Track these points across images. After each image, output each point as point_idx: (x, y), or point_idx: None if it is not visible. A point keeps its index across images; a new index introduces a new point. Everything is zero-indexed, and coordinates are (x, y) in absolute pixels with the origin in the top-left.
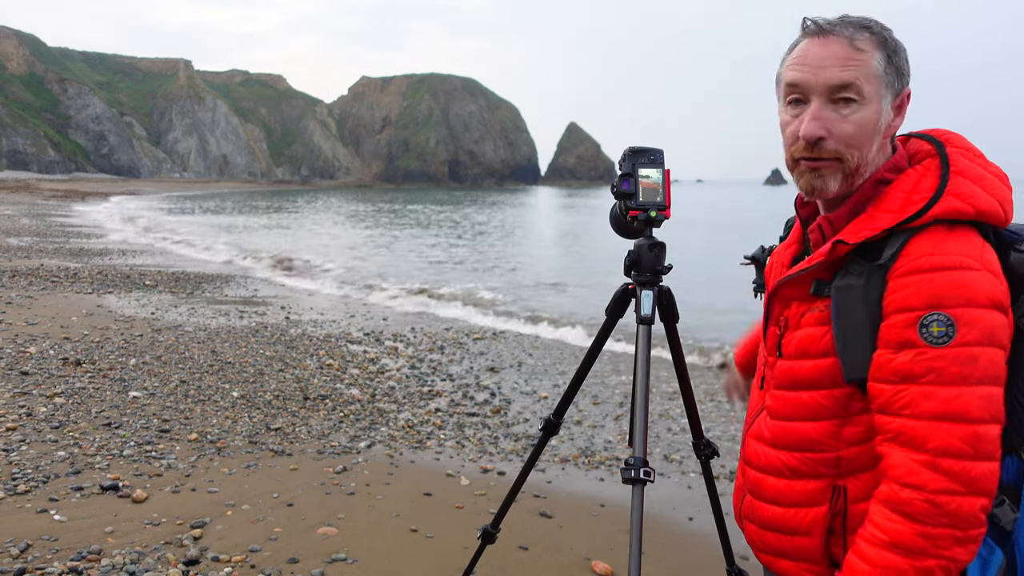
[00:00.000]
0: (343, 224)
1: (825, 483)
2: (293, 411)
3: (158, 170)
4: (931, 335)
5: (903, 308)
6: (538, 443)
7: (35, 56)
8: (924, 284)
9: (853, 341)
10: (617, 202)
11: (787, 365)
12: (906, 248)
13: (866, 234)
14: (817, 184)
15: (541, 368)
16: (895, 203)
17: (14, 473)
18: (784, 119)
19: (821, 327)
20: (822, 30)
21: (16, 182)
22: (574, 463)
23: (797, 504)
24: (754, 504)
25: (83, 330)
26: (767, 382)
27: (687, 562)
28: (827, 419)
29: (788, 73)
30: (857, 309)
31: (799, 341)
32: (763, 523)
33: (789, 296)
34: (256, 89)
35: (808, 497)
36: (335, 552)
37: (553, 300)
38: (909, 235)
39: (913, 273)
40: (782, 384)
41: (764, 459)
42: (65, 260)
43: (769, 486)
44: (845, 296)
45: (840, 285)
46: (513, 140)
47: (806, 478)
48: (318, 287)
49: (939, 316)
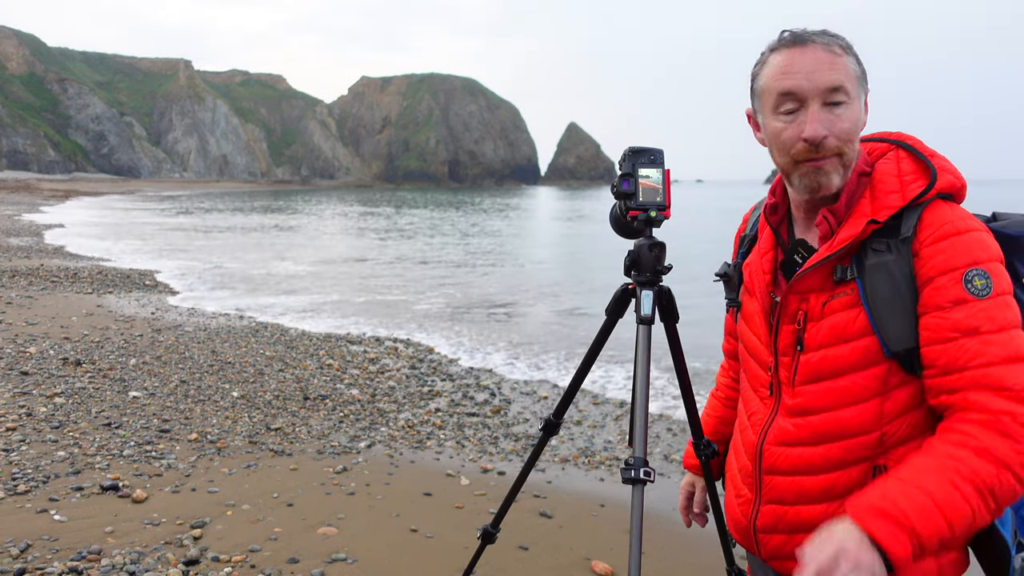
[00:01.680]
0: (324, 232)
1: (866, 466)
2: (293, 411)
3: (158, 170)
4: (976, 288)
5: (946, 269)
6: (538, 443)
7: (35, 56)
8: (958, 246)
9: (892, 314)
10: (617, 202)
11: (818, 356)
12: (924, 221)
13: (887, 212)
14: (823, 181)
15: (541, 368)
16: (891, 186)
17: (14, 473)
18: (776, 126)
19: (852, 310)
20: (804, 40)
21: (16, 182)
22: (574, 463)
23: (842, 495)
24: (786, 511)
25: (83, 330)
26: (784, 384)
27: (687, 562)
28: (869, 399)
29: (778, 83)
30: (892, 282)
31: (830, 328)
32: (799, 527)
33: (806, 288)
34: (256, 89)
35: (852, 484)
36: (335, 552)
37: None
38: (920, 210)
39: (945, 238)
40: (814, 377)
41: (798, 460)
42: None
43: (811, 486)
44: (880, 272)
45: (873, 263)
46: (513, 140)
47: (847, 466)
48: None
49: (978, 271)
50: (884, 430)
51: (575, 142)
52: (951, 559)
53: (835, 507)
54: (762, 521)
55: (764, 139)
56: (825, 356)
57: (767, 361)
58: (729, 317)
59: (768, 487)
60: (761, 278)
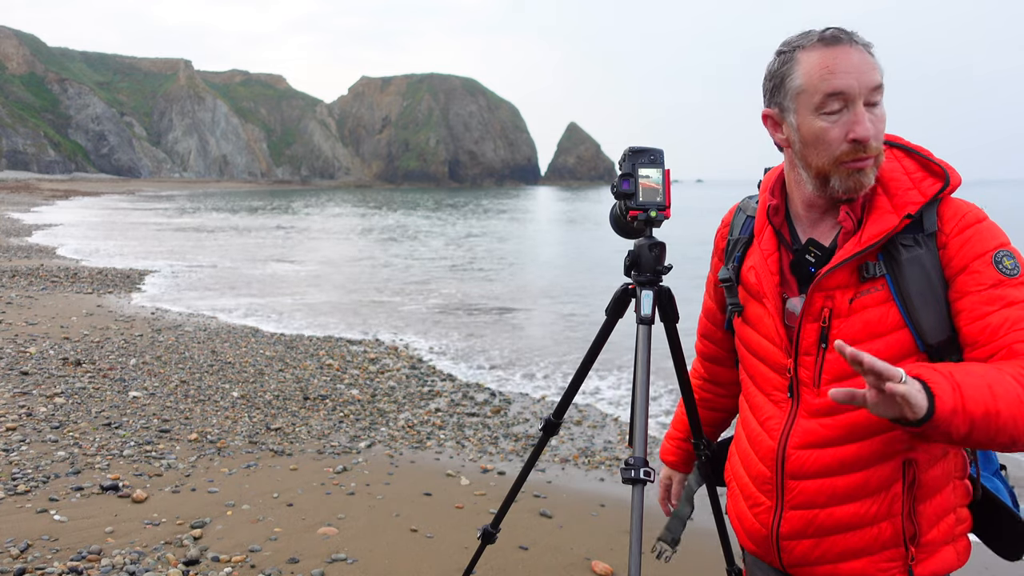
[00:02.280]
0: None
1: (897, 461)
2: (293, 411)
3: (158, 170)
4: (1007, 268)
5: (978, 255)
6: (538, 443)
7: (35, 56)
8: (983, 232)
9: (927, 306)
10: (617, 202)
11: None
12: (943, 215)
13: (914, 207)
14: (864, 181)
15: (541, 368)
16: (904, 183)
17: (14, 473)
18: (821, 126)
19: (883, 305)
20: (845, 39)
21: (16, 182)
22: (574, 463)
23: (875, 492)
24: (815, 516)
25: (83, 330)
26: (797, 386)
27: (687, 562)
28: None
29: (826, 82)
30: (926, 276)
31: (863, 324)
32: (831, 529)
33: (832, 285)
34: (256, 89)
35: (884, 480)
36: (335, 552)
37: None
38: (935, 206)
39: (969, 227)
40: (843, 374)
41: (831, 460)
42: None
43: (844, 485)
44: (915, 267)
45: (908, 257)
46: (513, 140)
47: (879, 462)
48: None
49: (1006, 252)
50: None
51: (575, 142)
52: (964, 545)
53: (867, 505)
54: (786, 528)
55: (791, 140)
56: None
57: (782, 363)
58: (704, 319)
59: (793, 492)
60: (770, 279)
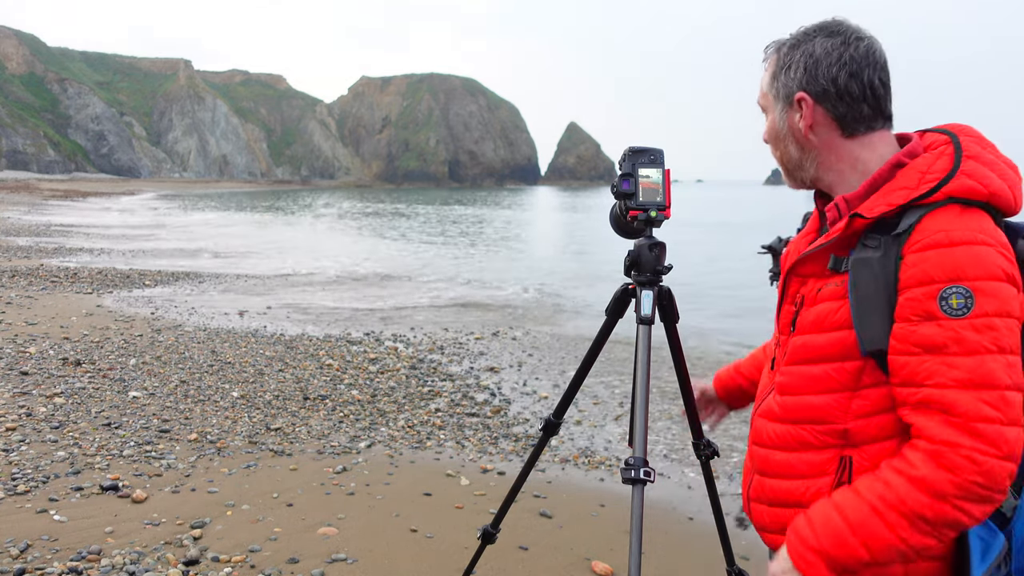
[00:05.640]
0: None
1: (832, 453)
2: (293, 411)
3: (158, 170)
4: (950, 307)
5: (923, 282)
6: (538, 443)
7: (35, 56)
8: (943, 258)
9: (870, 313)
10: (617, 202)
11: (801, 340)
12: (921, 224)
13: (882, 209)
14: (788, 181)
15: (542, 368)
16: (910, 181)
17: (14, 473)
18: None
19: (837, 301)
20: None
21: (16, 182)
22: (574, 463)
23: (804, 476)
24: (763, 483)
25: (83, 330)
26: (778, 362)
27: (687, 562)
28: (837, 392)
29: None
30: (874, 281)
31: (815, 316)
32: (772, 500)
33: (806, 273)
34: (256, 89)
35: (815, 468)
36: (335, 552)
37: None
38: (924, 212)
39: (931, 248)
40: (794, 360)
41: (773, 436)
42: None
43: (777, 461)
44: (862, 268)
45: (857, 258)
46: (513, 140)
47: (813, 449)
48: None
49: (958, 289)
50: (849, 426)
51: (575, 142)
52: (922, 568)
53: (797, 485)
54: (754, 491)
55: None
56: (806, 342)
57: (776, 337)
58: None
59: (753, 458)
60: (793, 257)
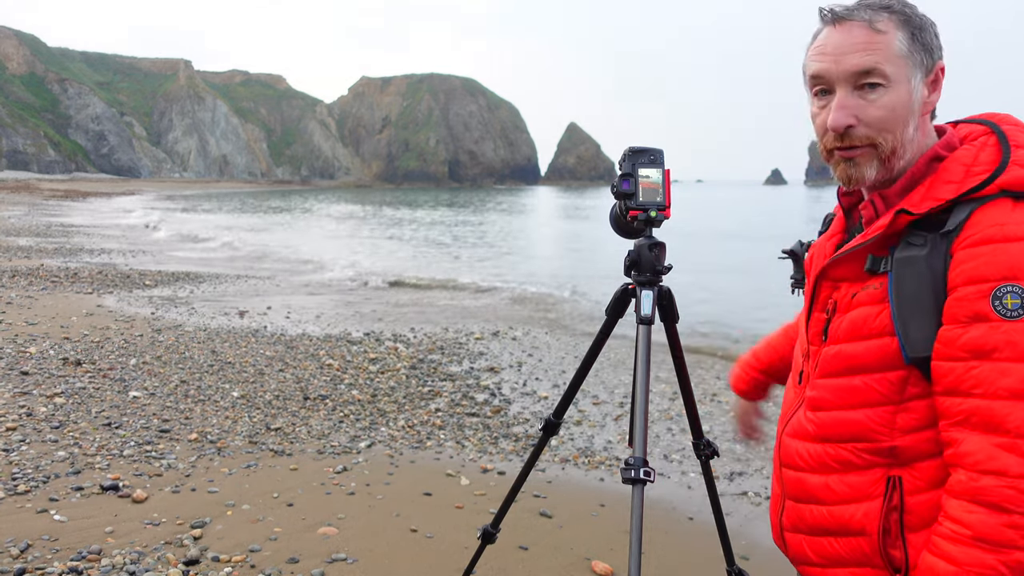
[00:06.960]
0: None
1: (878, 474)
2: (293, 411)
3: (158, 170)
4: (1005, 308)
5: (975, 280)
6: (538, 443)
7: (35, 56)
8: (998, 255)
9: (916, 316)
10: (617, 202)
11: (835, 350)
12: (972, 218)
13: (930, 204)
14: (853, 173)
15: (542, 368)
16: (956, 175)
17: (14, 473)
18: (812, 111)
19: (877, 305)
20: (839, 17)
21: (16, 182)
22: (574, 463)
23: (847, 500)
24: (799, 510)
25: (83, 330)
26: (806, 376)
27: (687, 562)
28: (880, 405)
29: (810, 65)
30: (920, 281)
31: (851, 322)
32: (812, 529)
33: (839, 276)
34: (256, 89)
35: (860, 491)
36: (335, 552)
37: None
38: (975, 206)
39: (984, 243)
40: (830, 372)
41: (806, 457)
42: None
43: (813, 484)
44: (907, 267)
45: (901, 256)
46: (513, 140)
47: (856, 470)
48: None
49: (1013, 288)
50: (896, 443)
51: (575, 142)
52: None
53: (840, 511)
54: (787, 519)
55: None
56: (841, 351)
57: (804, 348)
58: None
59: (783, 483)
60: (822, 260)
